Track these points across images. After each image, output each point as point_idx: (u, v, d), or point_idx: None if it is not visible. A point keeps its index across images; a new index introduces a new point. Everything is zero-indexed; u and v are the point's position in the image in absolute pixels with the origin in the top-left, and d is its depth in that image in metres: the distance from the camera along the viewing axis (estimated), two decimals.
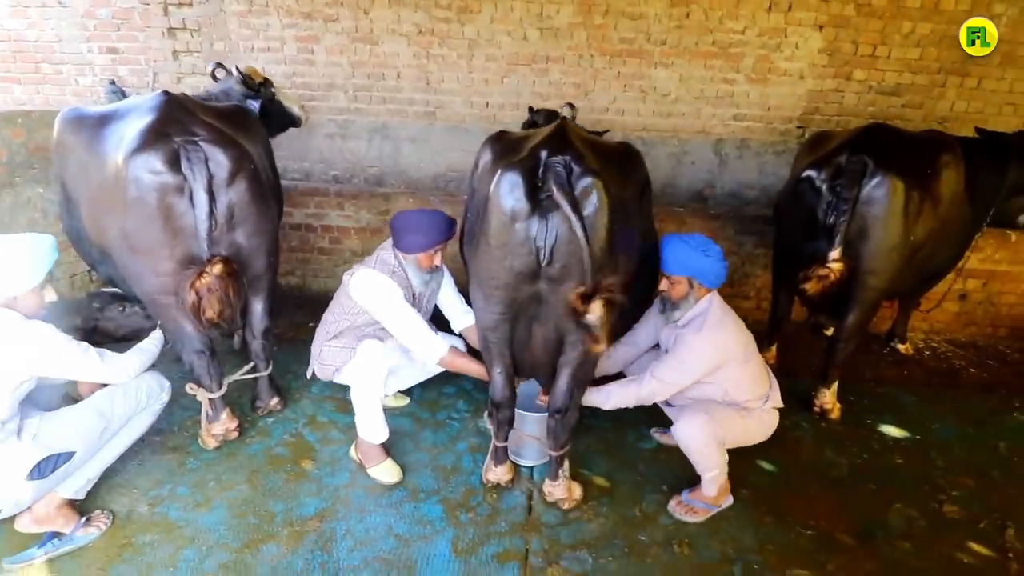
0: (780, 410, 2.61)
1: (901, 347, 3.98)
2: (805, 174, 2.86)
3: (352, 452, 2.69)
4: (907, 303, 3.76)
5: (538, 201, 1.94)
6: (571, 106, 3.26)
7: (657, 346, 2.76)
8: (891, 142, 2.79)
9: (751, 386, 2.46)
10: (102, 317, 2.50)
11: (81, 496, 2.21)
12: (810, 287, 2.69)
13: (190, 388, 2.58)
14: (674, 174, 4.69)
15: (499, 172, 1.97)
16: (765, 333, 3.63)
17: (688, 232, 3.99)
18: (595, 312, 1.88)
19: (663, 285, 2.48)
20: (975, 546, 2.38)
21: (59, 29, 4.84)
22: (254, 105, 3.24)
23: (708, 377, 2.40)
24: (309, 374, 2.86)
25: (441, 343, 2.58)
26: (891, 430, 3.13)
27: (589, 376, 2.35)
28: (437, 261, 2.70)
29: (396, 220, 2.66)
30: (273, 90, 3.51)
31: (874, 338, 4.07)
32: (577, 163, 1.97)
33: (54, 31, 4.85)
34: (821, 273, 2.66)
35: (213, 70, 3.36)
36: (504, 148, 2.24)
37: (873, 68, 4.32)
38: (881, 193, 2.62)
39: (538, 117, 3.49)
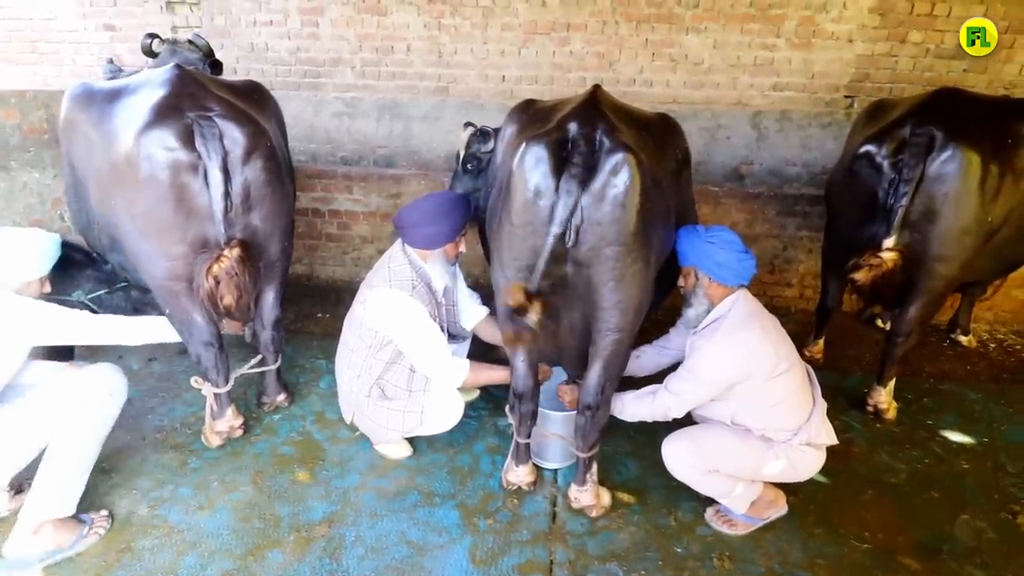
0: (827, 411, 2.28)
1: (964, 339, 3.65)
2: (863, 149, 2.57)
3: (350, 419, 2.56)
4: (971, 291, 3.42)
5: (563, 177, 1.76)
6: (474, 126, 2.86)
7: None
8: (962, 109, 2.47)
9: (771, 412, 2.04)
10: None
11: (70, 512, 2.07)
12: (860, 277, 2.43)
13: (195, 382, 2.47)
14: (708, 150, 4.36)
15: (523, 144, 1.82)
16: (812, 325, 3.35)
17: (723, 211, 3.80)
18: (534, 315, 1.78)
19: (680, 280, 2.21)
20: None
21: (55, 7, 4.70)
22: None
23: (726, 392, 2.06)
24: (348, 419, 2.56)
25: (461, 364, 2.38)
26: (954, 432, 2.86)
27: (622, 370, 2.15)
28: (463, 247, 2.49)
29: (406, 216, 2.39)
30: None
31: (932, 329, 3.73)
32: (608, 136, 1.80)
33: (50, 9, 4.71)
34: (873, 262, 2.39)
35: (150, 44, 2.95)
36: (531, 118, 2.10)
37: (931, 29, 3.91)
38: (952, 169, 2.31)
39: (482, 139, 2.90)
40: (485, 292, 2.76)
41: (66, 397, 2.01)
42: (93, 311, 2.36)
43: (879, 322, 3.78)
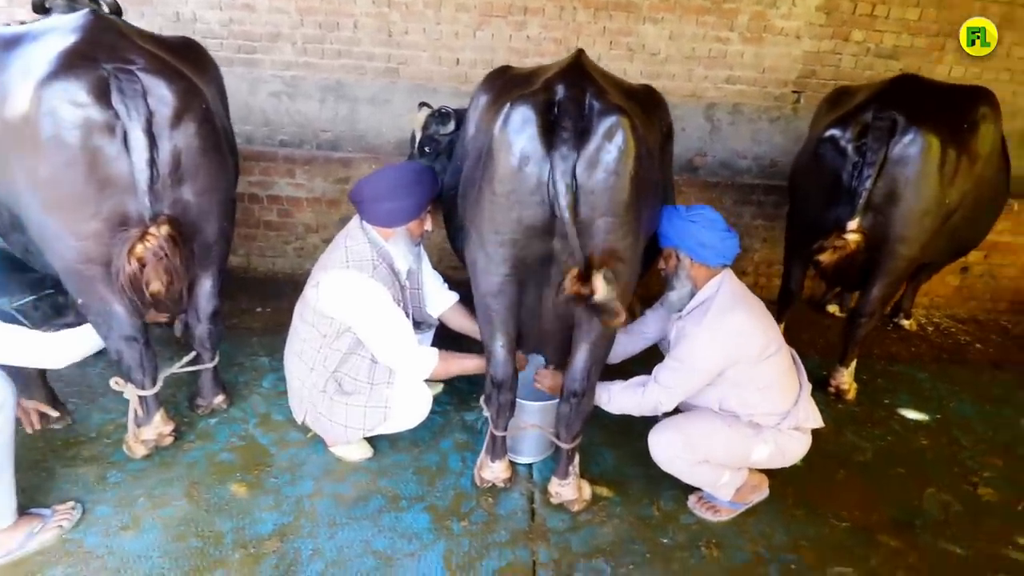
0: None
1: (906, 323, 3.85)
2: (828, 133, 2.61)
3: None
4: (919, 277, 3.60)
5: (553, 142, 1.61)
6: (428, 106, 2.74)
7: None
8: (921, 95, 2.56)
9: (759, 396, 1.99)
10: None
11: (7, 522, 1.81)
12: (825, 259, 2.48)
13: (116, 384, 2.13)
14: None
15: (507, 106, 1.65)
16: (773, 310, 3.39)
17: (684, 200, 3.80)
18: (600, 290, 1.63)
19: (660, 262, 2.13)
20: (1021, 539, 2.20)
21: None
22: None
23: (715, 378, 2.00)
24: (300, 419, 2.31)
25: (429, 354, 2.17)
26: (910, 410, 2.96)
27: (608, 353, 2.04)
28: (428, 225, 2.27)
29: (365, 189, 2.14)
30: None
31: None
32: (598, 99, 1.67)
33: None
34: (837, 244, 2.44)
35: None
36: (510, 83, 1.95)
37: (872, 29, 4.09)
38: (914, 152, 2.38)
39: None
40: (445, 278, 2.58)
41: None
42: (21, 323, 1.97)
43: (831, 308, 3.91)
